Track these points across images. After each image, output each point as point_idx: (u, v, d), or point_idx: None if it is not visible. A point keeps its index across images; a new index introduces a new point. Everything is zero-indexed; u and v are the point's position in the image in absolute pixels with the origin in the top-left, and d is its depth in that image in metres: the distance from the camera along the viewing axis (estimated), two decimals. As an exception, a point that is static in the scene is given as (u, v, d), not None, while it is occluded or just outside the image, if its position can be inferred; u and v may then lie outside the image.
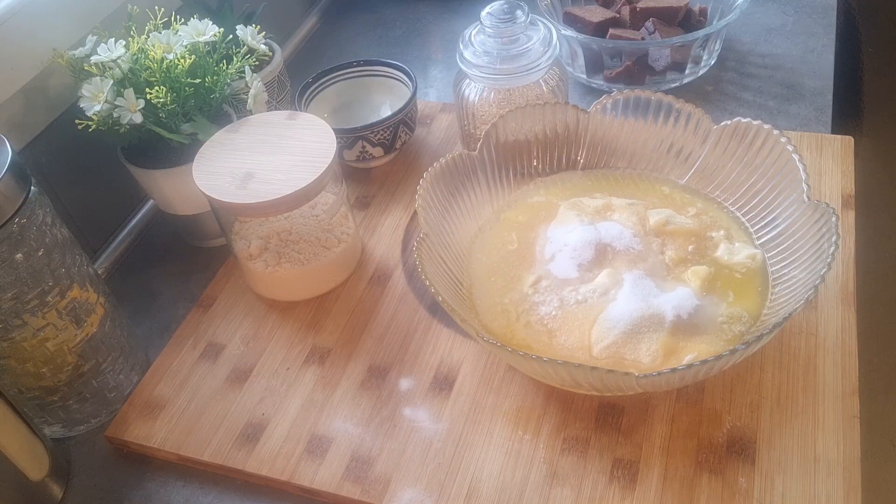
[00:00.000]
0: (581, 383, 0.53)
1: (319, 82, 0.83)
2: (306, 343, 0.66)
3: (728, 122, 0.65)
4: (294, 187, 0.61)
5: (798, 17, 0.92)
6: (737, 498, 0.52)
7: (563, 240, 0.63)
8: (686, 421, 0.56)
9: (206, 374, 0.65)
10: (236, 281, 0.72)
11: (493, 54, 0.70)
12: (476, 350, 0.63)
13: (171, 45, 0.68)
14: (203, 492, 0.59)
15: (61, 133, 0.70)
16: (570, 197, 0.68)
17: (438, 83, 0.94)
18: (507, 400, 0.59)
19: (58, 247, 0.56)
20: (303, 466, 0.58)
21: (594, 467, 0.55)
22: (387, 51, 1.01)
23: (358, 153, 0.78)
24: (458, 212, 0.66)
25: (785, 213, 0.61)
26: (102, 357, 0.61)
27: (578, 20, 0.85)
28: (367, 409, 0.60)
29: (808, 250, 0.57)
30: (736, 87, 0.85)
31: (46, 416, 0.62)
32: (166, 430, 0.61)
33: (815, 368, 0.58)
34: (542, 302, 0.60)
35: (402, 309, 0.67)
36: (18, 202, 0.52)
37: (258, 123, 0.68)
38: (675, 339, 0.56)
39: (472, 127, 0.76)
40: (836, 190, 0.70)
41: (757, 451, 0.54)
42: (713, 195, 0.67)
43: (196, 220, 0.75)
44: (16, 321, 0.54)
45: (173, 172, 0.69)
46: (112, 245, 0.78)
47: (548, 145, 0.70)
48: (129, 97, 0.64)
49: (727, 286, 0.60)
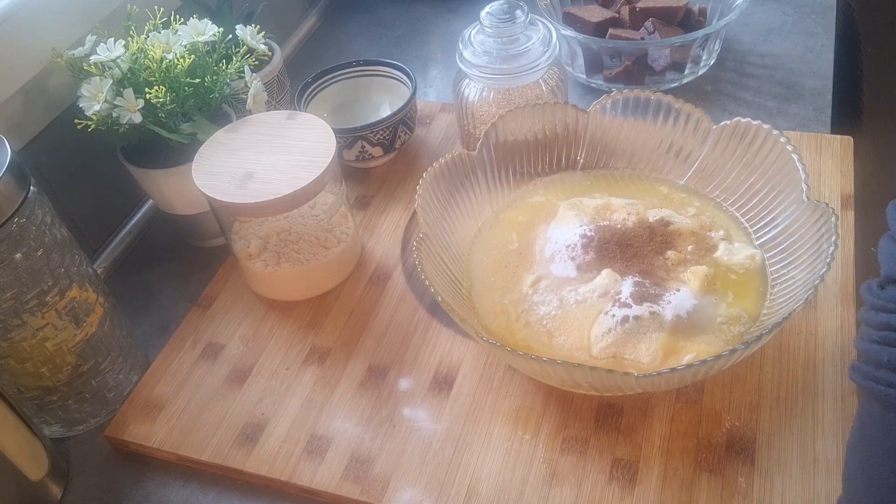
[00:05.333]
0: (580, 383, 0.53)
1: (319, 82, 0.83)
2: (306, 343, 0.66)
3: (727, 122, 0.65)
4: (293, 187, 0.61)
5: (797, 17, 0.92)
6: (736, 498, 0.52)
7: (563, 240, 0.63)
8: (685, 421, 0.56)
9: (206, 374, 0.65)
10: (236, 281, 0.72)
11: (493, 54, 0.70)
12: (476, 350, 0.63)
13: (171, 45, 0.68)
14: (202, 492, 0.59)
15: (61, 133, 0.70)
16: (570, 197, 0.68)
17: (438, 83, 0.94)
18: (507, 400, 0.59)
19: (57, 246, 0.56)
20: (302, 466, 0.57)
21: (594, 467, 0.55)
22: (386, 51, 1.01)
23: (357, 153, 0.78)
24: (458, 212, 0.66)
25: (784, 214, 0.61)
26: (102, 357, 0.61)
27: (578, 20, 0.85)
28: (367, 409, 0.60)
29: (807, 250, 0.57)
30: (735, 87, 0.85)
31: (46, 416, 0.61)
32: (165, 429, 0.61)
33: (815, 368, 0.58)
34: (541, 302, 0.60)
35: (402, 309, 0.67)
36: (18, 202, 0.52)
37: (258, 123, 0.68)
38: (674, 339, 0.56)
39: (472, 127, 0.76)
40: (836, 190, 0.70)
41: (756, 451, 0.54)
42: (712, 195, 0.67)
43: (195, 220, 0.75)
44: (15, 321, 0.54)
45: (173, 172, 0.69)
46: (111, 245, 0.78)
47: (547, 145, 0.70)
48: (129, 97, 0.64)
49: (726, 286, 0.60)
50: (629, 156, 0.70)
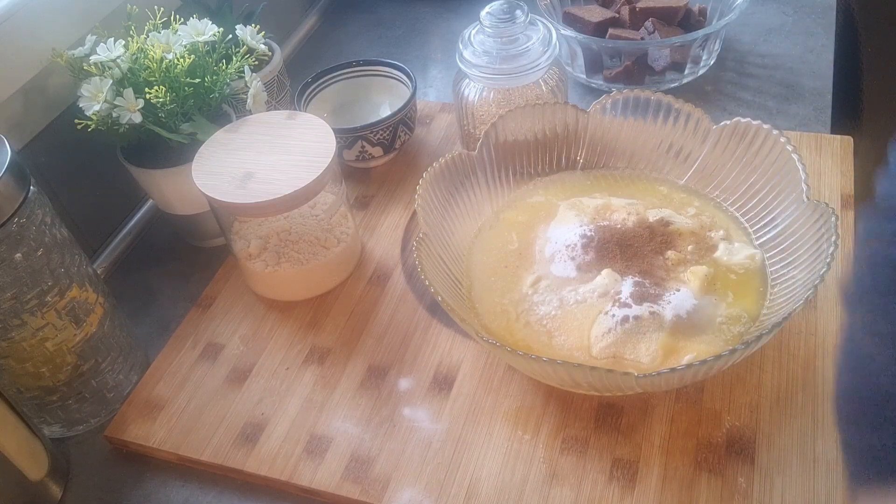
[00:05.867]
0: (580, 383, 0.53)
1: (319, 82, 0.83)
2: (306, 343, 0.66)
3: (727, 122, 0.65)
4: (293, 187, 0.61)
5: (797, 17, 0.92)
6: (736, 498, 0.52)
7: (563, 240, 0.63)
8: (685, 421, 0.56)
9: (206, 374, 0.65)
10: (236, 281, 0.72)
11: (493, 54, 0.70)
12: (475, 350, 0.63)
13: (171, 45, 0.68)
14: (202, 492, 0.59)
15: (61, 133, 0.70)
16: (570, 197, 0.68)
17: (438, 83, 0.94)
18: (507, 400, 0.59)
19: (57, 246, 0.56)
20: (302, 466, 0.57)
21: (593, 467, 0.55)
22: (386, 51, 1.01)
23: (357, 153, 0.78)
24: (458, 212, 0.66)
25: (784, 214, 0.61)
26: (101, 357, 0.61)
27: (578, 20, 0.85)
28: (367, 409, 0.60)
29: (807, 250, 0.57)
30: (735, 86, 0.85)
31: (46, 416, 0.61)
32: (165, 429, 0.61)
33: (815, 368, 0.58)
34: (541, 302, 0.60)
35: (402, 309, 0.67)
36: (18, 202, 0.52)
37: (257, 123, 0.68)
38: (674, 339, 0.56)
39: (472, 127, 0.76)
40: (836, 190, 0.70)
41: (756, 451, 0.54)
42: (712, 195, 0.67)
43: (195, 220, 0.75)
44: (15, 321, 0.54)
45: (172, 172, 0.69)
46: (111, 245, 0.78)
47: (547, 145, 0.70)
48: (129, 97, 0.64)
49: (726, 286, 0.60)
50: (629, 156, 0.70)
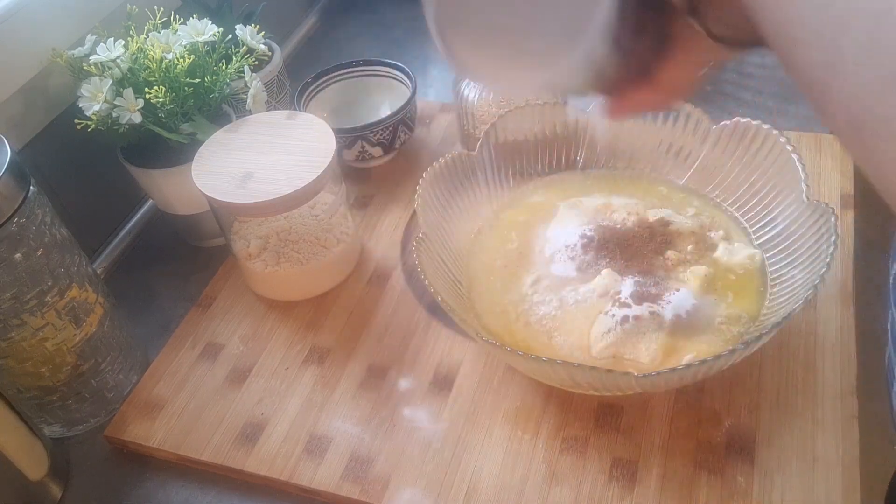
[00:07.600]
0: (580, 383, 0.53)
1: (319, 82, 0.83)
2: (305, 343, 0.66)
3: (727, 122, 0.65)
4: (293, 187, 0.61)
5: (797, 17, 0.92)
6: (736, 497, 0.52)
7: (563, 240, 0.63)
8: (685, 421, 0.56)
9: (206, 374, 0.65)
10: (235, 281, 0.72)
11: (493, 54, 0.70)
12: (475, 350, 0.63)
13: (171, 45, 0.68)
14: (202, 492, 0.59)
15: (60, 133, 0.70)
16: (570, 197, 0.68)
17: (438, 83, 0.94)
18: (507, 400, 0.59)
19: (57, 246, 0.56)
20: (302, 466, 0.57)
21: (593, 467, 0.55)
22: (386, 51, 1.01)
23: (357, 153, 0.78)
24: (458, 212, 0.66)
25: (784, 214, 0.61)
26: (101, 357, 0.61)
27: (578, 20, 0.85)
28: (367, 409, 0.60)
29: (807, 250, 0.57)
30: (735, 86, 0.85)
31: (45, 416, 0.61)
32: (165, 429, 0.61)
33: (814, 368, 0.58)
34: (541, 302, 0.60)
35: (402, 309, 0.67)
36: (17, 202, 0.52)
37: (257, 123, 0.68)
38: (674, 339, 0.56)
39: (472, 127, 0.76)
40: (836, 190, 0.70)
41: (756, 451, 0.54)
42: (712, 195, 0.67)
43: (195, 220, 0.75)
44: (15, 321, 0.54)
45: (172, 172, 0.69)
46: (111, 245, 0.78)
47: (547, 145, 0.70)
48: (129, 97, 0.64)
49: (726, 286, 0.60)
50: (629, 156, 0.70)
